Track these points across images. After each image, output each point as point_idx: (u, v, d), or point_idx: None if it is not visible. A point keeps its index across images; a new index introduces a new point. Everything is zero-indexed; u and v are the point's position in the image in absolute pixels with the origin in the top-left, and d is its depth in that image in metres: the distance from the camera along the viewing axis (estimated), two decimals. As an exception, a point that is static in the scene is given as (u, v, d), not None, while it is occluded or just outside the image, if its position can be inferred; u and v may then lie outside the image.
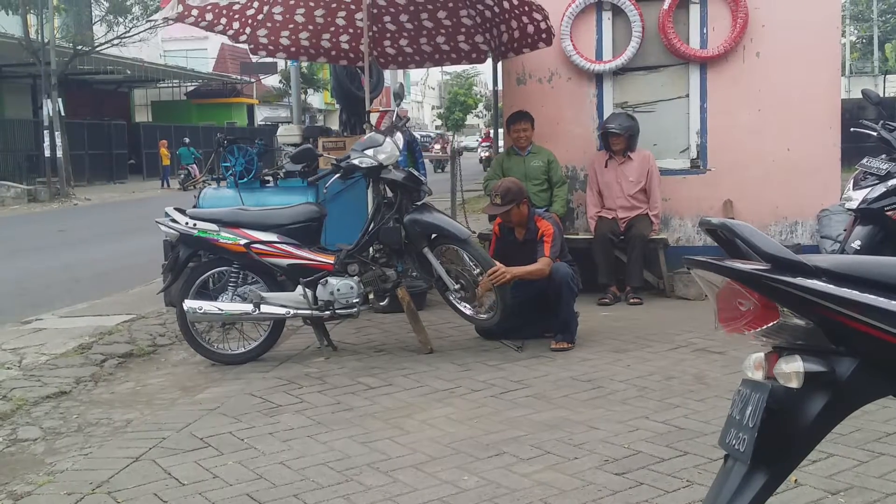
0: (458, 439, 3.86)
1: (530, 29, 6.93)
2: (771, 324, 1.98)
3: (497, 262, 5.35)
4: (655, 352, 5.33)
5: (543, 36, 6.84)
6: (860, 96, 6.75)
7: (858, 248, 5.52)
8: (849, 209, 5.92)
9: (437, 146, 34.33)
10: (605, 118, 7.32)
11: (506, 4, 6.83)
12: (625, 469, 3.45)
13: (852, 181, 6.12)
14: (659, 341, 5.58)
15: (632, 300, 6.83)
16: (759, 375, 2.09)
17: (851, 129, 6.72)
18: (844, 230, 6.18)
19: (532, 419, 4.11)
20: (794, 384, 1.96)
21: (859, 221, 5.71)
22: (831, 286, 1.92)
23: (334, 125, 10.72)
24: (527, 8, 6.62)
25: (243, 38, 7.64)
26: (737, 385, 2.19)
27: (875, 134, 6.16)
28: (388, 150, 5.44)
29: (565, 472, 3.45)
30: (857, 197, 5.76)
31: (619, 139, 7.00)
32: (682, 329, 5.87)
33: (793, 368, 1.96)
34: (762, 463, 2.00)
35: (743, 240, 2.02)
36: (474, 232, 6.14)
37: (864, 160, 6.05)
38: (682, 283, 6.98)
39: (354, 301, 5.37)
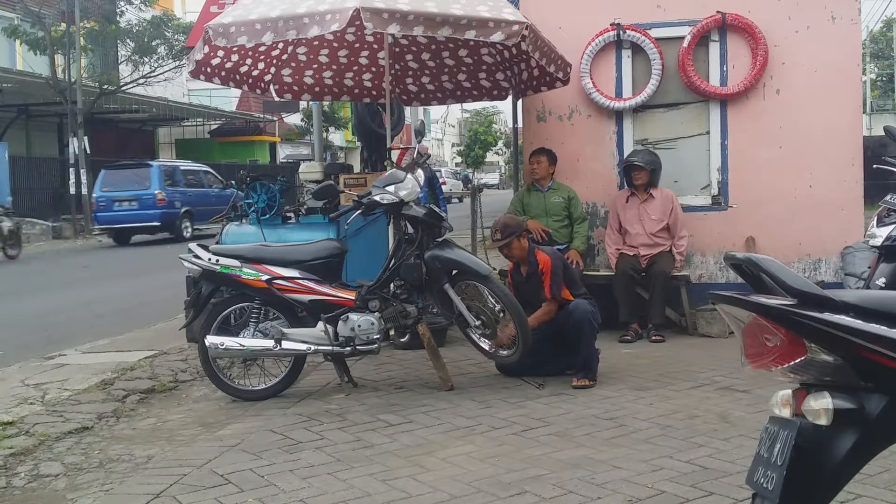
0: (480, 478, 3.82)
1: (551, 68, 6.98)
2: (798, 360, 1.96)
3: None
4: (678, 390, 5.27)
5: (560, 75, 6.89)
6: (882, 133, 6.72)
7: (883, 285, 5.46)
8: (873, 246, 5.88)
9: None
10: (625, 155, 7.34)
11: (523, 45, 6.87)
12: (649, 509, 3.40)
13: (876, 218, 6.08)
14: (682, 379, 5.52)
15: (654, 337, 6.78)
16: (786, 412, 2.07)
17: (874, 167, 6.69)
18: (869, 267, 6.12)
19: (554, 458, 4.06)
20: (823, 421, 1.93)
21: (884, 259, 5.65)
22: (859, 321, 1.90)
23: (355, 162, 10.81)
24: (545, 60, 6.59)
25: (268, 77, 7.76)
26: (762, 424, 2.16)
27: (898, 171, 6.13)
28: (409, 186, 5.47)
29: (588, 511, 3.40)
30: (881, 234, 5.72)
31: (641, 173, 6.99)
32: (706, 367, 5.81)
33: (822, 405, 1.93)
34: (791, 502, 1.97)
35: (769, 274, 2.01)
36: (495, 268, 6.13)
37: (888, 197, 6.01)
38: (705, 321, 6.93)
39: (375, 337, 5.37)
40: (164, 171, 20.90)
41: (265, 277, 5.34)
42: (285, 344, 5.36)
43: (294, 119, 39.28)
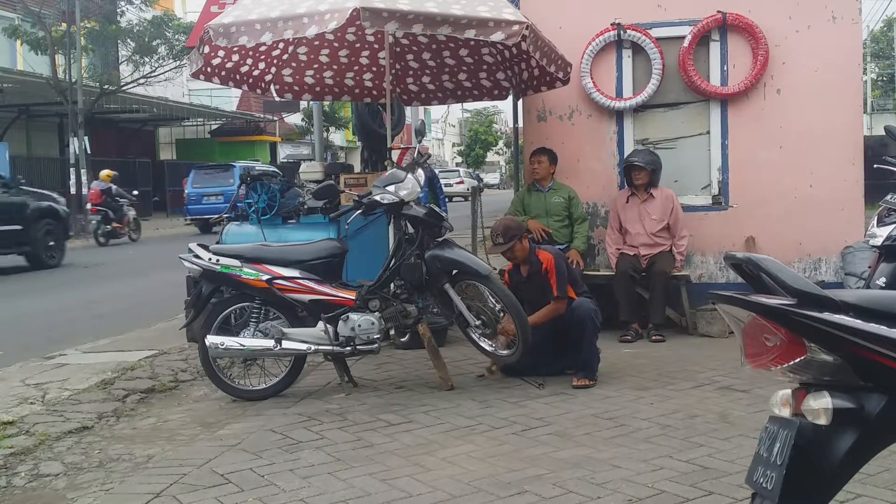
0: (479, 477, 3.82)
1: (552, 68, 6.98)
2: (798, 359, 1.96)
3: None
4: (678, 389, 5.27)
5: (561, 75, 6.89)
6: (882, 133, 6.73)
7: (883, 285, 5.47)
8: (873, 246, 5.88)
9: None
10: (625, 155, 7.34)
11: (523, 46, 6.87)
12: (649, 508, 3.40)
13: (876, 218, 6.08)
14: (682, 379, 5.52)
15: (654, 337, 6.78)
16: (786, 412, 2.07)
17: (875, 166, 6.69)
18: (869, 267, 6.13)
19: (554, 457, 4.06)
20: (823, 421, 1.93)
21: (884, 258, 5.67)
22: (859, 321, 1.90)
23: (356, 162, 10.81)
24: (546, 60, 6.60)
25: (269, 77, 7.76)
26: (762, 423, 2.16)
27: (898, 170, 6.13)
28: (410, 186, 5.47)
29: (588, 511, 3.40)
30: (881, 234, 5.72)
31: (642, 173, 6.99)
32: (706, 367, 5.81)
33: (821, 405, 1.93)
34: (790, 502, 1.97)
35: (769, 274, 2.01)
36: (495, 268, 6.13)
37: (889, 197, 6.02)
38: (705, 321, 6.93)
39: (375, 337, 5.37)
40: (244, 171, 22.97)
41: (265, 277, 5.34)
42: (285, 344, 5.36)
43: (294, 119, 39.32)
